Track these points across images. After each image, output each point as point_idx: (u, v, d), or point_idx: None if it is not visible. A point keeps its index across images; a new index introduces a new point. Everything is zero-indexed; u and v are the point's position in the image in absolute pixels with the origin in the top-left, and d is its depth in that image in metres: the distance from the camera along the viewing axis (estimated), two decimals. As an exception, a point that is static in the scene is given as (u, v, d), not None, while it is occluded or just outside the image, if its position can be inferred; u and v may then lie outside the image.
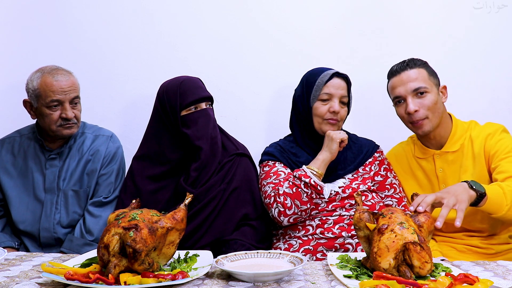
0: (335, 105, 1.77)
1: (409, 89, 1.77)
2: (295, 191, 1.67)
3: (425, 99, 1.77)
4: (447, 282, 1.08)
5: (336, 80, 1.79)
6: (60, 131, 1.82)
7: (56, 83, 1.78)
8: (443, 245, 1.82)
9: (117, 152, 1.96)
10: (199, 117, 1.77)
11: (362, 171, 1.81)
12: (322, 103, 1.79)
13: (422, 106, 1.76)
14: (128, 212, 1.24)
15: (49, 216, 1.83)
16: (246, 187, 1.80)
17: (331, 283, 1.18)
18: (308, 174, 1.67)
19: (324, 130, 1.79)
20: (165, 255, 1.28)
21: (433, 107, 1.77)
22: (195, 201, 1.69)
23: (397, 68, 1.83)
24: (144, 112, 2.15)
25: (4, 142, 1.93)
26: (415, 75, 1.78)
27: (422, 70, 1.80)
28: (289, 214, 1.68)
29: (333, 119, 1.78)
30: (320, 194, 1.69)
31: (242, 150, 1.90)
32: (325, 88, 1.78)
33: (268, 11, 2.28)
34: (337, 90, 1.78)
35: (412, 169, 1.90)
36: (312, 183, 1.66)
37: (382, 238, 1.17)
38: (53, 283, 1.17)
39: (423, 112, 1.76)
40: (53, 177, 1.86)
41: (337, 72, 1.81)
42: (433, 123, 1.79)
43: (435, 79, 1.82)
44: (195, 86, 1.81)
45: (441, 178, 1.83)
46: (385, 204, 1.79)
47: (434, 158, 1.85)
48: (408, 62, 1.82)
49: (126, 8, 2.29)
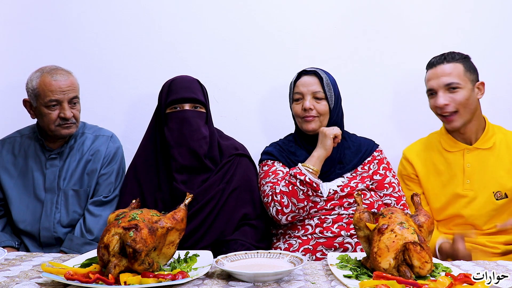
0: (306, 102, 1.79)
1: (441, 83, 1.80)
2: (291, 189, 1.67)
3: (456, 94, 1.79)
4: (447, 282, 1.08)
5: (304, 78, 1.83)
6: (59, 130, 1.82)
7: (54, 82, 1.78)
8: None
9: (117, 152, 1.96)
10: (178, 117, 1.76)
11: (361, 170, 1.82)
12: (296, 103, 1.84)
13: (453, 100, 1.79)
14: (128, 212, 1.24)
15: (49, 215, 1.83)
16: (246, 187, 1.80)
17: (331, 283, 1.18)
18: (303, 171, 1.68)
19: (305, 129, 1.82)
20: (165, 255, 1.28)
21: (465, 103, 1.79)
22: (193, 201, 1.68)
23: (434, 61, 1.85)
24: (144, 112, 2.16)
25: (5, 142, 1.93)
26: (450, 70, 1.80)
27: (458, 65, 1.81)
28: (286, 212, 1.68)
29: (308, 116, 1.79)
30: (316, 191, 1.70)
31: (241, 150, 1.90)
32: (295, 88, 1.85)
33: (268, 11, 2.28)
34: (307, 87, 1.81)
35: (435, 162, 1.90)
36: (307, 180, 1.66)
37: (382, 238, 1.17)
38: (53, 283, 1.17)
39: (453, 106, 1.79)
40: (53, 176, 1.86)
41: (304, 70, 1.85)
42: (463, 118, 1.81)
43: (472, 75, 1.82)
44: (182, 86, 1.79)
45: (467, 173, 1.84)
46: (384, 203, 1.79)
47: (464, 153, 1.85)
48: (446, 56, 1.83)
49: (126, 8, 2.29)
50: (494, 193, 1.82)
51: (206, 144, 1.78)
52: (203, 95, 1.82)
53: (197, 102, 1.79)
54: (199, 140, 1.76)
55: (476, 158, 1.84)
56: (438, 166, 1.89)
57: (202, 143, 1.76)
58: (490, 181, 1.83)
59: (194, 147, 1.74)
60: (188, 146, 1.74)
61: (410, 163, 1.94)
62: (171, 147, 1.75)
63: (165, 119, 1.79)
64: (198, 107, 1.80)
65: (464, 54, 1.85)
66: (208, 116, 1.84)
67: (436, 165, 1.90)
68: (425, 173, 1.91)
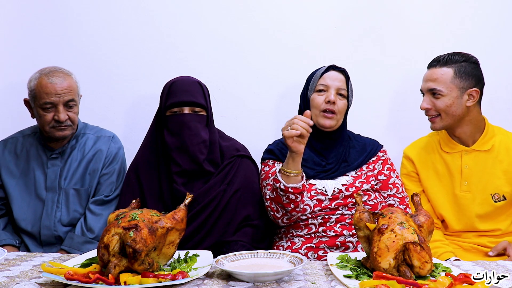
0: (330, 95, 1.77)
1: (426, 88, 1.83)
2: (275, 194, 1.65)
3: (438, 101, 1.80)
4: (447, 282, 1.08)
5: (332, 72, 1.82)
6: (53, 132, 1.83)
7: (50, 85, 1.78)
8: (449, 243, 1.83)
9: (119, 153, 1.97)
10: (177, 122, 1.75)
11: (365, 169, 1.82)
12: (318, 93, 1.80)
13: (434, 105, 1.81)
14: (128, 212, 1.24)
15: (50, 214, 1.84)
16: (248, 189, 1.79)
17: (331, 283, 1.18)
18: (278, 178, 1.60)
19: (321, 124, 1.78)
20: (165, 255, 1.28)
21: (445, 109, 1.79)
22: (194, 203, 1.68)
23: (431, 62, 1.85)
24: (144, 113, 2.16)
25: (7, 142, 1.95)
26: (437, 75, 1.80)
27: (449, 70, 1.78)
28: (278, 216, 1.69)
29: (329, 110, 1.76)
30: (299, 194, 1.60)
31: (242, 151, 1.89)
32: (321, 79, 1.81)
33: (268, 11, 2.28)
34: (334, 81, 1.80)
35: (435, 162, 1.90)
36: (282, 187, 1.59)
37: (382, 238, 1.17)
38: (53, 283, 1.17)
39: (435, 111, 1.81)
40: (55, 176, 1.87)
41: (333, 65, 1.84)
42: (445, 122, 1.82)
43: (462, 81, 1.78)
44: (182, 89, 1.78)
45: (465, 175, 1.84)
46: (388, 203, 1.79)
47: (462, 155, 1.86)
48: (441, 59, 1.81)
49: (126, 8, 2.28)
50: (492, 195, 1.82)
51: (205, 148, 1.77)
52: (203, 98, 1.80)
53: (196, 105, 1.77)
54: (198, 145, 1.75)
55: (474, 160, 1.84)
56: (437, 166, 1.89)
57: (201, 147, 1.76)
58: (488, 183, 1.83)
59: (193, 152, 1.74)
60: (187, 151, 1.74)
61: (411, 161, 1.94)
62: (171, 150, 1.75)
63: (165, 121, 1.79)
64: (198, 110, 1.78)
65: (470, 56, 1.81)
66: (208, 118, 1.83)
67: (435, 165, 1.90)
68: (425, 172, 1.91)
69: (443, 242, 1.79)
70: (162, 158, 1.79)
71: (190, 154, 1.74)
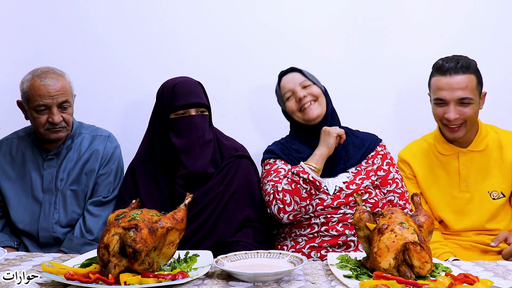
0: (298, 93, 1.81)
1: (455, 97, 1.74)
2: (294, 187, 1.67)
3: (467, 109, 1.75)
4: (447, 282, 1.08)
5: (285, 77, 1.88)
6: (48, 134, 1.81)
7: (43, 87, 1.75)
8: (448, 243, 1.83)
9: (115, 152, 1.95)
10: (185, 123, 1.73)
11: (365, 164, 1.82)
12: (288, 101, 1.86)
13: (463, 114, 1.75)
14: (128, 212, 1.24)
15: (47, 216, 1.83)
16: (247, 189, 1.79)
17: (331, 283, 1.18)
18: (306, 170, 1.68)
19: (308, 117, 1.81)
20: (165, 255, 1.28)
21: (473, 116, 1.77)
22: (193, 203, 1.68)
23: (449, 68, 1.74)
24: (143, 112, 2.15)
25: (2, 144, 1.93)
26: (465, 83, 1.73)
27: (473, 77, 1.74)
28: (288, 210, 1.68)
29: (304, 103, 1.81)
30: (318, 190, 1.70)
31: (241, 151, 1.88)
32: (282, 90, 1.88)
33: (269, 11, 2.28)
34: (292, 81, 1.84)
35: (431, 165, 1.90)
36: (311, 178, 1.66)
37: (382, 238, 1.17)
38: (53, 283, 1.17)
39: (462, 119, 1.76)
40: (51, 177, 1.86)
41: (280, 72, 1.90)
42: (467, 129, 1.80)
43: (480, 86, 1.78)
44: (187, 91, 1.76)
45: (463, 176, 1.84)
46: (388, 200, 1.79)
47: (458, 156, 1.85)
48: (462, 65, 1.74)
49: (126, 8, 2.28)
50: (490, 192, 1.83)
51: (210, 149, 1.77)
52: (206, 97, 1.81)
53: (202, 106, 1.77)
54: (205, 146, 1.75)
55: (471, 161, 1.85)
56: (434, 169, 1.89)
57: (207, 148, 1.76)
58: (485, 182, 1.83)
59: (201, 154, 1.73)
60: (195, 152, 1.73)
61: (407, 164, 1.94)
62: (178, 153, 1.73)
63: (170, 123, 1.76)
64: (202, 110, 1.78)
65: (474, 61, 1.79)
66: (210, 118, 1.83)
67: (432, 168, 1.90)
68: (422, 175, 1.91)
69: (441, 243, 1.79)
70: (162, 159, 1.78)
71: (198, 156, 1.73)
